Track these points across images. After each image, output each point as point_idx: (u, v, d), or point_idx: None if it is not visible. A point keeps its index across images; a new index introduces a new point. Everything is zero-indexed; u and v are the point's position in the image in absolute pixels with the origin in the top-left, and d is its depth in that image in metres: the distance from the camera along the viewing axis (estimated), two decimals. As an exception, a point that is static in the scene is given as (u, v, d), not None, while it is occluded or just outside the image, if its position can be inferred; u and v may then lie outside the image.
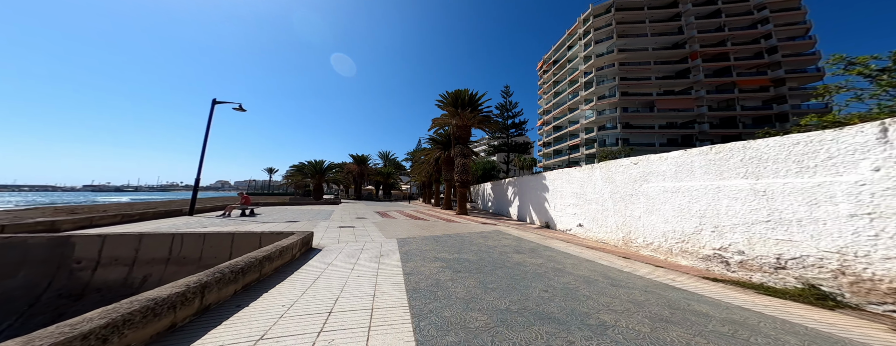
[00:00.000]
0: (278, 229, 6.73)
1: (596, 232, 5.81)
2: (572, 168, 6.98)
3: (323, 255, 4.02)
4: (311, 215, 11.25)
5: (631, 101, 36.25)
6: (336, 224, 8.31)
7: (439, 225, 8.87)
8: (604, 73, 37.43)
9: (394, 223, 8.95)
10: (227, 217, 9.15)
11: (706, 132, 34.37)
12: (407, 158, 44.85)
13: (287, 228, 6.95)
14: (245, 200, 9.78)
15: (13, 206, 27.63)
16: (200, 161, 9.66)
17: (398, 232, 6.89)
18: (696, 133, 34.71)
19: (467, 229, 7.83)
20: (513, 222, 10.18)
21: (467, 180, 14.52)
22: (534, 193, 9.67)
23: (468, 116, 13.93)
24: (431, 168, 24.78)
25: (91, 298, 3.15)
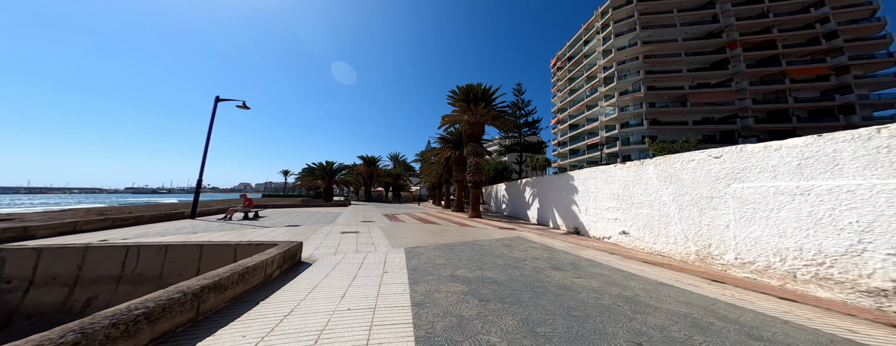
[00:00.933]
0: (268, 236, 6.01)
1: (649, 242, 4.73)
2: (610, 166, 5.92)
3: (311, 272, 3.21)
4: (316, 218, 10.61)
5: (659, 95, 33.35)
6: (339, 229, 7.55)
7: (452, 230, 7.96)
8: (626, 67, 34.96)
9: (402, 228, 8.12)
10: (228, 220, 8.60)
11: (751, 127, 30.80)
12: (416, 159, 44.32)
13: (280, 235, 6.24)
14: (247, 202, 9.23)
15: (52, 207, 28.92)
16: (202, 161, 9.20)
17: (407, 239, 6.04)
18: (739, 129, 31.24)
19: (485, 236, 6.89)
20: (532, 227, 9.13)
21: (481, 181, 13.55)
22: (558, 194, 8.60)
23: (481, 113, 12.99)
24: (441, 169, 23.92)
25: (18, 326, 2.49)
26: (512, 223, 10.55)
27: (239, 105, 10.18)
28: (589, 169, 6.89)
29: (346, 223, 8.97)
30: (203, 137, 8.96)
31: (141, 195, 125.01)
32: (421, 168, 38.69)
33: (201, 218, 9.12)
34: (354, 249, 4.75)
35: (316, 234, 6.51)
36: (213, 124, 9.63)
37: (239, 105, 10.18)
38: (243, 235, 6.15)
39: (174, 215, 8.62)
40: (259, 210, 10.65)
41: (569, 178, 7.97)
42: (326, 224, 8.61)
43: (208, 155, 9.49)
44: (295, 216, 11.20)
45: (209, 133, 9.47)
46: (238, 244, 3.03)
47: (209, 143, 9.40)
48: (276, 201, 24.63)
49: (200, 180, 9.05)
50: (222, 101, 9.86)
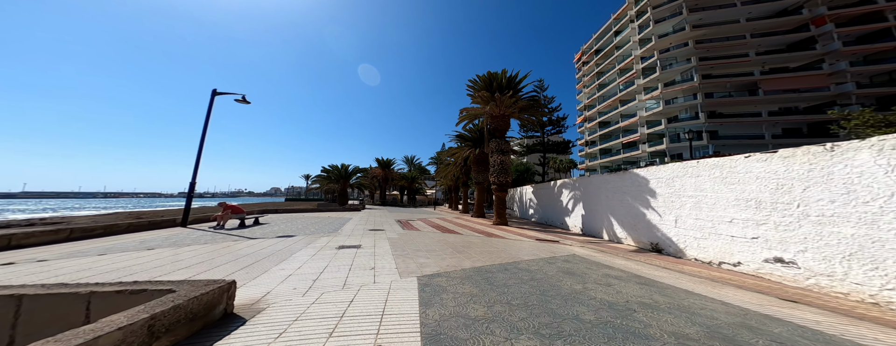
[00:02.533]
0: (244, 253, 4.66)
1: (846, 281, 2.77)
2: (734, 158, 3.99)
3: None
4: (319, 226, 9.35)
5: (718, 84, 28.48)
6: (339, 241, 6.13)
7: (478, 243, 6.31)
8: (671, 55, 30.90)
9: (416, 240, 6.57)
10: (219, 229, 7.48)
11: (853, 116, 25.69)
12: (431, 161, 43.13)
13: (258, 251, 4.89)
14: (228, 209, 7.98)
15: (102, 211, 30.52)
16: (197, 159, 8.23)
17: (421, 259, 4.47)
18: (839, 118, 26.05)
19: (525, 252, 5.18)
20: (578, 238, 7.26)
21: (506, 182, 11.79)
22: (618, 198, 6.68)
23: (507, 103, 11.27)
24: (459, 170, 22.28)
25: None
26: (547, 232, 8.70)
27: (238, 99, 9.21)
28: (676, 165, 4.97)
29: (350, 233, 7.57)
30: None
31: (193, 199, 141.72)
32: (436, 170, 37.32)
33: (194, 226, 8.08)
34: (342, 281, 3.22)
35: (304, 250, 5.09)
36: (210, 120, 8.68)
37: (238, 99, 9.21)
38: (216, 251, 4.85)
39: (162, 223, 7.63)
40: (259, 217, 9.57)
41: (637, 177, 6.04)
42: (326, 234, 7.24)
43: (206, 154, 8.52)
44: (298, 223, 10.01)
45: (205, 129, 8.51)
46: (94, 293, 1.62)
47: (205, 139, 8.42)
48: (295, 205, 24.07)
49: (193, 182, 8.05)
50: (220, 95, 8.93)
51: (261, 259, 4.29)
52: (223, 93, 8.99)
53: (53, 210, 43.59)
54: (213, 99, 8.79)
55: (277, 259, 4.28)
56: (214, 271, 3.57)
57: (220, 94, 8.95)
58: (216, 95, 8.85)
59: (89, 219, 7.20)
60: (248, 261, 4.16)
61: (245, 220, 8.48)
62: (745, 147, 24.99)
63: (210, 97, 8.74)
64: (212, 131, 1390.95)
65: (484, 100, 11.49)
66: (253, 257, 4.39)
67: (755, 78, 27.67)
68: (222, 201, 7.84)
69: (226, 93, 9.02)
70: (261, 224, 9.40)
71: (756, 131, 27.23)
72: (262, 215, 11.14)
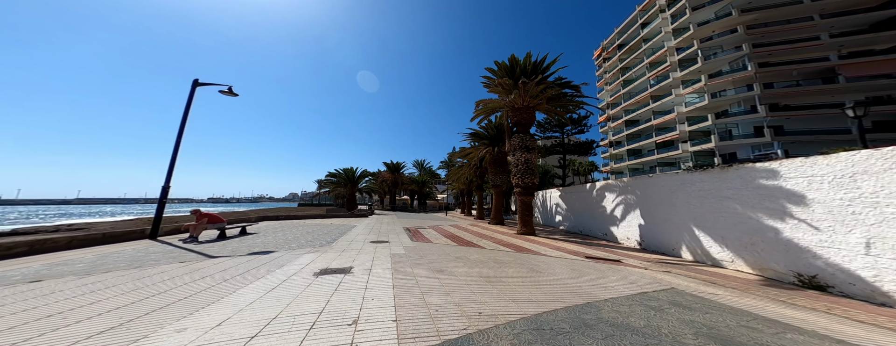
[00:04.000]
0: (182, 281, 3.19)
1: None
2: None
3: None
4: (314, 236, 7.94)
5: (780, 72, 24.78)
6: (325, 261, 4.61)
7: (510, 262, 4.64)
8: (715, 43, 27.85)
9: (427, 257, 4.96)
10: (191, 242, 6.17)
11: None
12: (442, 165, 41.67)
13: (203, 277, 3.42)
14: (210, 219, 6.64)
15: (129, 216, 30.95)
16: (172, 160, 7.03)
17: (436, 298, 2.85)
18: None
19: (586, 280, 3.46)
20: (635, 254, 5.44)
21: (533, 185, 10.04)
22: (713, 204, 4.86)
23: (533, 92, 9.61)
24: (472, 172, 20.60)
25: None
26: (589, 245, 6.89)
27: (223, 90, 8.05)
28: (866, 152, 3.09)
29: (345, 247, 6.06)
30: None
31: (218, 204, 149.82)
32: (447, 174, 35.80)
33: (163, 238, 6.80)
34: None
35: (270, 276, 3.59)
36: (189, 113, 7.51)
37: (223, 90, 8.05)
38: (153, 279, 3.42)
39: (130, 233, 6.40)
40: (247, 225, 8.27)
41: (756, 174, 4.16)
42: (316, 249, 5.76)
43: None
44: (290, 233, 8.64)
45: (183, 123, 7.33)
46: None
47: (182, 135, 7.23)
48: (305, 210, 23.08)
49: (166, 186, 6.82)
50: (202, 85, 7.79)
51: (199, 292, 2.83)
52: (206, 83, 7.85)
53: (78, 216, 45.10)
54: (194, 90, 7.65)
55: (218, 294, 2.79)
56: (128, 315, 2.10)
57: (203, 84, 7.81)
58: (198, 86, 7.70)
59: (108, 225, 6.10)
60: (181, 294, 2.70)
61: (226, 230, 7.16)
62: (823, 145, 21.22)
63: (191, 88, 7.60)
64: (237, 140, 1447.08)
65: (505, 89, 9.87)
66: (191, 289, 2.93)
67: (832, 63, 23.43)
68: (195, 208, 6.54)
69: (209, 83, 7.88)
70: (248, 234, 8.08)
71: (837, 125, 22.95)
72: (253, 224, 9.88)
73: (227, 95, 8.18)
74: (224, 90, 8.10)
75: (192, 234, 6.25)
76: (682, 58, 30.31)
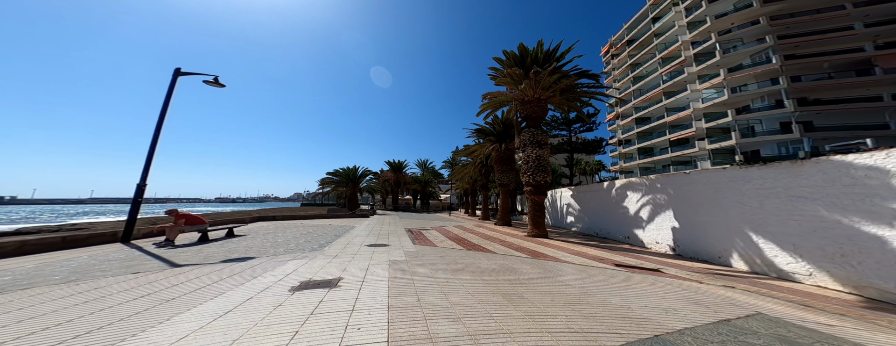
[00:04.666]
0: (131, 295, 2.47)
1: None
2: None
3: None
4: (306, 239, 7.25)
5: (809, 64, 23.28)
6: (310, 270, 3.88)
7: (528, 271, 3.87)
8: (734, 36, 26.43)
9: (431, 265, 4.21)
10: (165, 246, 5.49)
11: None
12: (445, 165, 40.91)
13: (150, 294, 2.70)
14: (188, 220, 5.95)
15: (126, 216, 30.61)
16: (149, 154, 6.38)
17: (443, 326, 2.08)
18: None
19: (635, 299, 2.66)
20: (670, 260, 4.65)
21: (545, 183, 9.24)
22: (780, 206, 4.05)
23: (545, 82, 8.81)
24: (477, 171, 19.79)
25: None
26: (611, 249, 6.09)
27: (208, 80, 7.40)
28: None
29: (337, 252, 5.34)
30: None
31: (225, 204, 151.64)
32: (451, 173, 35.06)
33: (137, 242, 6.14)
34: None
35: (236, 291, 2.87)
36: (169, 104, 6.87)
37: (208, 80, 7.40)
38: (93, 295, 2.72)
39: (100, 236, 5.74)
40: (235, 227, 7.61)
41: (848, 169, 3.33)
42: (303, 255, 5.04)
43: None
44: (282, 236, 7.96)
45: (162, 115, 6.68)
46: None
47: (161, 127, 6.58)
48: (307, 210, 22.50)
49: (142, 185, 6.16)
50: (184, 75, 7.14)
51: (119, 320, 2.11)
52: (189, 73, 7.19)
53: (86, 215, 45.14)
54: (176, 79, 6.99)
55: (143, 323, 2.07)
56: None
57: (186, 74, 7.16)
58: (180, 76, 7.05)
59: (110, 225, 5.50)
60: (91, 324, 1.99)
61: (208, 232, 6.47)
62: (859, 138, 19.95)
63: (172, 77, 6.95)
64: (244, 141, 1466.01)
65: (515, 79, 9.08)
66: (113, 315, 2.21)
67: (867, 54, 21.83)
68: (172, 208, 5.84)
69: (193, 73, 7.22)
70: (235, 237, 7.42)
71: (873, 120, 21.37)
72: (244, 225, 9.21)
73: (212, 85, 7.53)
74: (209, 80, 7.45)
75: (167, 237, 5.57)
76: (699, 52, 29.01)
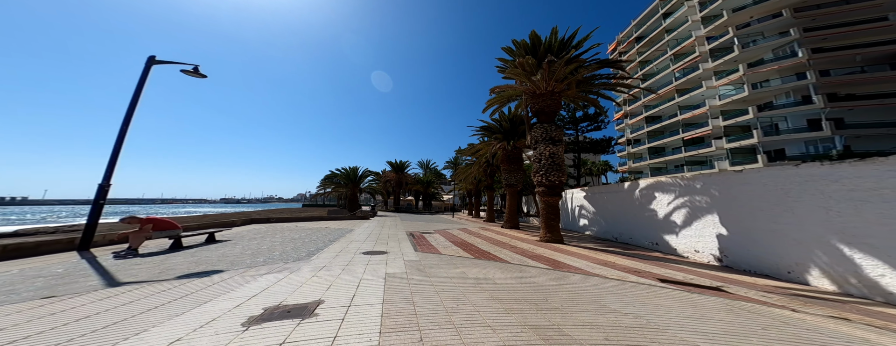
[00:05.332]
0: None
1: None
2: None
3: None
4: (294, 245, 6.46)
5: (839, 58, 21.73)
6: (275, 295, 3.05)
7: (557, 289, 3.03)
8: (754, 30, 25.14)
9: (435, 280, 3.37)
10: (129, 255, 4.71)
11: None
12: (447, 165, 40.13)
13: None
14: (155, 225, 5.12)
15: None
16: (114, 154, 5.63)
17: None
18: None
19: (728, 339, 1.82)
20: (727, 275, 3.80)
21: (560, 183, 8.39)
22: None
23: (561, 73, 7.97)
24: (481, 171, 18.94)
25: None
26: (639, 258, 5.23)
27: (186, 70, 6.66)
28: None
29: (328, 261, 4.53)
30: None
31: (229, 205, 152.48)
32: (454, 173, 34.24)
33: (98, 249, 5.36)
34: None
35: (154, 332, 2.06)
36: (141, 94, 6.13)
37: (186, 70, 6.66)
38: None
39: (49, 245, 4.95)
40: (217, 232, 6.84)
41: None
42: (282, 267, 4.23)
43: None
44: (270, 241, 7.17)
45: (132, 105, 5.94)
46: None
47: (130, 120, 5.84)
48: (308, 211, 21.71)
49: (104, 185, 5.38)
50: (159, 63, 6.41)
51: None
52: (164, 61, 6.46)
53: (81, 217, 44.84)
54: (149, 68, 6.25)
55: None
56: None
57: (160, 62, 6.43)
58: (154, 64, 6.31)
59: (107, 226, 4.74)
60: None
61: (180, 239, 5.68)
62: None
63: (144, 66, 6.22)
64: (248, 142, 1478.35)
65: (527, 70, 8.24)
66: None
67: None
68: (129, 214, 5.02)
69: (168, 62, 6.49)
70: (216, 242, 6.64)
71: None
72: (227, 229, 8.44)
73: (191, 75, 6.79)
74: (188, 70, 6.71)
75: (130, 245, 4.80)
76: (715, 47, 27.80)
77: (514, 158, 13.87)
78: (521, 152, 14.19)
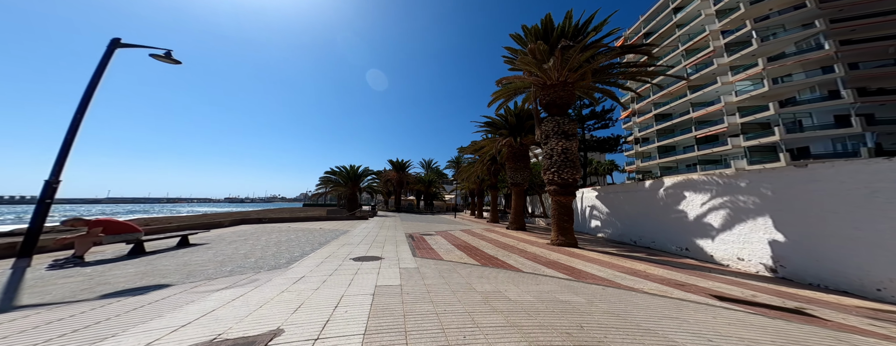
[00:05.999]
0: None
1: None
2: None
3: None
4: (282, 248, 5.73)
5: (869, 50, 20.33)
6: (217, 323, 2.30)
7: (589, 309, 2.25)
8: (774, 22, 23.90)
9: (436, 297, 2.59)
10: (71, 264, 3.99)
11: None
12: (449, 164, 39.42)
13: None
14: (107, 228, 4.36)
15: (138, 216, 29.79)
16: (65, 146, 4.91)
17: None
18: None
19: None
20: (795, 291, 3.01)
21: (574, 181, 7.59)
22: None
23: (576, 60, 7.16)
24: (484, 169, 18.12)
25: None
26: (672, 266, 4.43)
27: (156, 54, 5.93)
28: None
29: (308, 270, 3.77)
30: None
31: (234, 204, 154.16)
32: (456, 172, 33.45)
33: (46, 256, 4.65)
34: None
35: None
36: (100, 80, 5.42)
37: (156, 54, 5.93)
38: None
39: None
40: (191, 234, 6.11)
41: None
42: (246, 280, 3.47)
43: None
44: (250, 244, 6.43)
45: (88, 93, 5.22)
46: None
47: (86, 108, 5.12)
48: (307, 211, 20.93)
49: (53, 183, 4.65)
50: (123, 46, 5.70)
51: None
52: (130, 45, 5.73)
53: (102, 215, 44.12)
54: (112, 51, 5.53)
55: None
56: None
57: (126, 46, 5.70)
58: (117, 47, 5.59)
59: None
60: None
61: (143, 243, 4.95)
62: None
63: (106, 49, 5.50)
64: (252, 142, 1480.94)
65: (538, 57, 7.42)
66: None
67: None
68: (75, 216, 4.24)
69: (134, 45, 5.76)
70: (190, 246, 5.92)
71: None
72: (206, 232, 7.72)
73: (163, 60, 6.06)
74: (158, 55, 5.97)
75: (75, 252, 4.07)
76: (730, 41, 26.56)
77: (521, 155, 13.09)
78: (527, 149, 13.40)
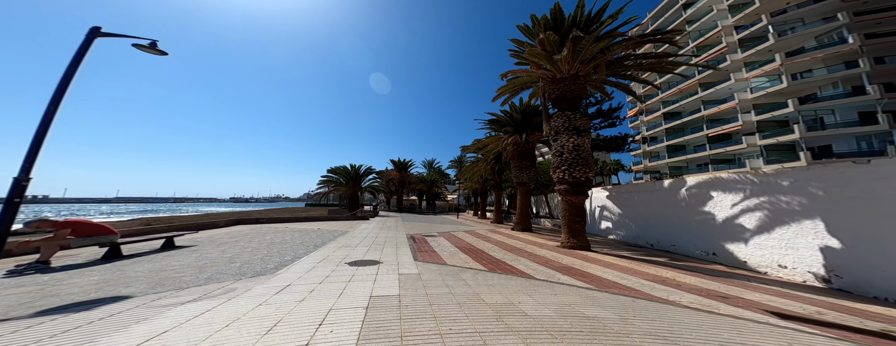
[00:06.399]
0: None
1: None
2: None
3: None
4: (273, 251, 5.30)
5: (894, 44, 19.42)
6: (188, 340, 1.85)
7: (625, 327, 1.71)
8: (792, 16, 23.00)
9: (438, 311, 2.12)
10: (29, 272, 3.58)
11: None
12: (452, 164, 38.91)
13: None
14: (76, 230, 3.93)
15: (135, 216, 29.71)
16: (36, 140, 4.53)
17: None
18: None
19: None
20: (864, 307, 2.45)
21: (586, 180, 7.09)
22: None
23: (589, 51, 6.64)
24: (488, 168, 17.57)
25: None
26: (695, 271, 3.93)
27: (140, 44, 5.54)
28: None
29: (297, 278, 3.33)
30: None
31: (238, 204, 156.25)
32: (459, 172, 32.93)
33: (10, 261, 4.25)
34: None
35: None
36: (77, 71, 5.03)
37: (140, 44, 5.54)
38: None
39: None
40: (176, 235, 5.71)
41: None
42: (224, 289, 3.02)
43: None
44: (244, 246, 6.02)
45: (63, 85, 4.84)
46: None
47: (61, 100, 4.73)
48: (309, 211, 20.49)
49: (22, 180, 4.26)
50: (102, 36, 5.30)
51: None
52: (111, 34, 5.34)
53: (112, 215, 44.28)
54: (92, 41, 5.13)
55: None
56: None
57: (106, 35, 5.30)
58: (97, 37, 5.20)
59: None
60: None
61: (119, 246, 4.54)
62: None
63: (85, 38, 5.10)
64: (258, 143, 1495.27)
65: (548, 48, 6.90)
66: None
67: None
68: (41, 218, 3.83)
69: (115, 34, 5.36)
70: (175, 248, 5.52)
71: None
72: (195, 232, 7.33)
73: (147, 51, 5.66)
74: (142, 45, 5.57)
75: (40, 257, 3.67)
76: (744, 37, 25.56)
77: (527, 153, 12.57)
78: (533, 147, 12.88)
